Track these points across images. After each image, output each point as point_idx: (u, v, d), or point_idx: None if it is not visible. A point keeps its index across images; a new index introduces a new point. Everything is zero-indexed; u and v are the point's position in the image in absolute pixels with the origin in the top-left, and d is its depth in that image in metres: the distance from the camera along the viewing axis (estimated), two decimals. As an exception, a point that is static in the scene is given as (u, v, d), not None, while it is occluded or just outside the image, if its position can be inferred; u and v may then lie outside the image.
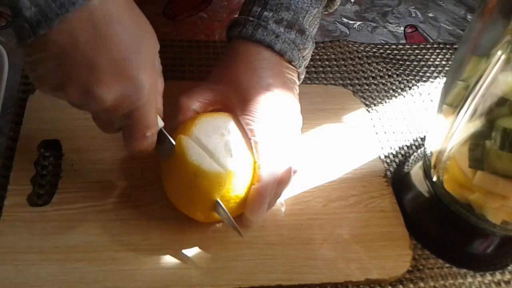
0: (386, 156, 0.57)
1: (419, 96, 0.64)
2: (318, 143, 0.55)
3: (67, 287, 0.42)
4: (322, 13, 0.53)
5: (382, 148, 0.58)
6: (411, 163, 0.54)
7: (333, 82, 0.63)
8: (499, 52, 0.39)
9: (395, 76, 0.66)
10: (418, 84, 0.65)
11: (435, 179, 0.48)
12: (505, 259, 0.50)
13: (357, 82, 0.64)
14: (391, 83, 0.65)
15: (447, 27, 0.76)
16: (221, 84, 0.47)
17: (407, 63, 0.68)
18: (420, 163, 0.52)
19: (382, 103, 0.62)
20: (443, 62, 0.69)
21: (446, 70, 0.68)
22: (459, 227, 0.49)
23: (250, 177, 0.44)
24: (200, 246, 0.45)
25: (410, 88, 0.65)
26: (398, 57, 0.68)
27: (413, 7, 0.79)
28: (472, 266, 0.49)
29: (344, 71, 0.65)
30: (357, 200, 0.51)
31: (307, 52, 0.50)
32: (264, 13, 0.48)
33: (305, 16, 0.49)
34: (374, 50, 0.69)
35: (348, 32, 0.72)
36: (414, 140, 0.59)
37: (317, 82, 0.63)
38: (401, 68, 0.67)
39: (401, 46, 0.70)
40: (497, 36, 0.39)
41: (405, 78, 0.66)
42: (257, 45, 0.47)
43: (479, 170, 0.43)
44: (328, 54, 0.67)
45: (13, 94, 0.54)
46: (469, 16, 0.79)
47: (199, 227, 0.46)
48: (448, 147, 0.45)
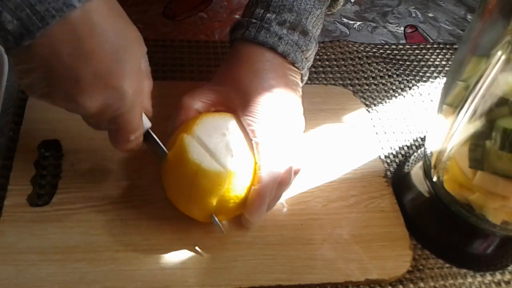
0: (386, 156, 0.57)
1: (419, 96, 0.64)
2: (318, 143, 0.55)
3: (67, 287, 0.41)
4: (326, 13, 0.53)
5: (382, 148, 0.58)
6: (411, 163, 0.54)
7: (333, 82, 0.63)
8: (499, 52, 0.38)
9: (395, 76, 0.66)
10: (418, 84, 0.65)
11: (435, 179, 0.48)
12: (505, 259, 0.50)
13: (357, 82, 0.64)
14: (391, 83, 0.65)
15: (447, 27, 0.76)
16: (223, 85, 0.47)
17: (407, 63, 0.68)
18: (420, 163, 0.52)
19: (382, 103, 0.62)
20: (443, 62, 0.69)
21: (446, 70, 0.68)
22: (459, 227, 0.49)
23: (251, 178, 0.43)
24: (200, 246, 0.45)
25: (410, 88, 0.65)
26: (398, 57, 0.68)
27: (413, 7, 0.79)
28: (472, 266, 0.49)
29: (344, 71, 0.65)
30: (357, 200, 0.51)
31: (310, 54, 0.50)
32: (267, 15, 0.48)
33: (308, 18, 0.49)
34: (374, 50, 0.68)
35: (348, 32, 0.72)
36: (414, 140, 0.59)
37: (317, 82, 0.63)
38: (401, 68, 0.67)
39: (401, 46, 0.70)
40: (497, 36, 0.39)
41: (405, 78, 0.66)
42: (260, 47, 0.47)
43: (479, 170, 0.43)
44: (328, 54, 0.67)
45: (13, 94, 0.54)
46: (469, 16, 0.79)
47: (199, 227, 0.46)
48: (448, 147, 0.45)
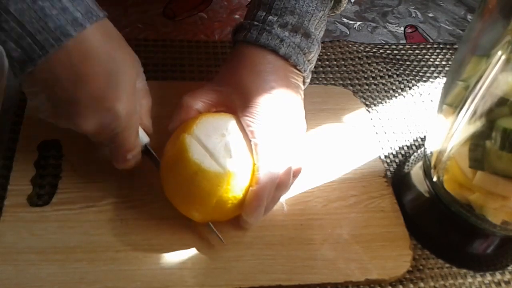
0: (386, 156, 0.57)
1: (419, 96, 0.64)
2: (318, 143, 0.55)
3: (67, 287, 0.42)
4: (329, 15, 0.53)
5: (382, 148, 0.58)
6: (411, 163, 0.54)
7: (333, 82, 0.63)
8: (499, 52, 0.38)
9: (395, 76, 0.66)
10: (418, 84, 0.65)
11: (435, 179, 0.48)
12: (505, 259, 0.50)
13: (357, 82, 0.64)
14: (391, 83, 0.65)
15: (447, 27, 0.76)
16: (224, 86, 0.47)
17: (407, 63, 0.68)
18: (420, 163, 0.52)
19: (382, 103, 0.62)
20: (443, 62, 0.69)
21: (446, 70, 0.68)
22: (459, 227, 0.49)
23: (249, 178, 0.43)
24: (200, 246, 0.45)
25: (410, 88, 0.65)
26: (398, 57, 0.68)
27: (413, 7, 0.79)
28: (472, 266, 0.49)
29: (344, 71, 0.65)
30: (357, 200, 0.51)
31: (313, 56, 0.50)
32: (269, 17, 0.48)
33: (310, 20, 0.49)
34: (374, 50, 0.68)
35: (348, 32, 0.72)
36: (414, 140, 0.59)
37: (317, 82, 0.63)
38: (401, 68, 0.67)
39: (401, 46, 0.70)
40: (497, 36, 0.39)
41: (405, 78, 0.66)
42: (261, 49, 0.47)
43: (479, 170, 0.43)
44: (328, 54, 0.67)
45: (13, 94, 0.54)
46: (469, 16, 0.79)
47: (199, 227, 0.46)
48: (448, 147, 0.45)
